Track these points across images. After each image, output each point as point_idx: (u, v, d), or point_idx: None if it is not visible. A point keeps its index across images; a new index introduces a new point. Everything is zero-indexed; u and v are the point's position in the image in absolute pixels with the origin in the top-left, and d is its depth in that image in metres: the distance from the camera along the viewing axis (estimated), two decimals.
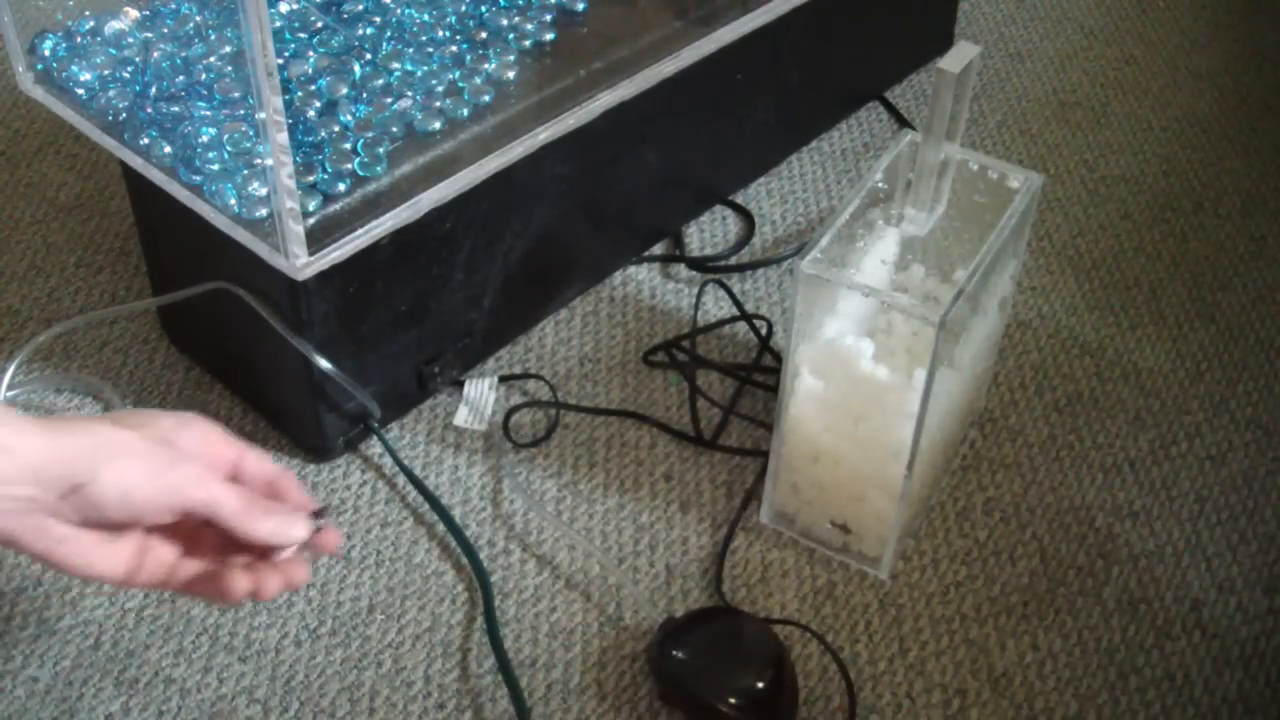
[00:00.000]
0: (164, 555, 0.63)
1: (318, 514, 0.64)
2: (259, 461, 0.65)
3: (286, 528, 0.62)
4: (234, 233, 0.73)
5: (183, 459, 0.59)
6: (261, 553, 0.63)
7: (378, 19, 0.85)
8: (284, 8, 0.85)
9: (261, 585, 0.63)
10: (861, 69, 1.17)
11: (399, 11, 0.86)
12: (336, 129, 0.77)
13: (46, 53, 0.81)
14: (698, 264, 1.01)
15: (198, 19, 0.83)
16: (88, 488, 0.57)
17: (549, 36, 0.86)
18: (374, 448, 0.87)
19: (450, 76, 0.82)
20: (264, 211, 0.72)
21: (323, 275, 0.74)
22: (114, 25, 0.83)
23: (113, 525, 0.60)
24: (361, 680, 0.75)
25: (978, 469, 0.87)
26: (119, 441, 0.57)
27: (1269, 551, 0.83)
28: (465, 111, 0.80)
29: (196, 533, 0.63)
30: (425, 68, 0.82)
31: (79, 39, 0.82)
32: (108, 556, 0.61)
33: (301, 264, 0.72)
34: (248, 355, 0.86)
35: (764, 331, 0.96)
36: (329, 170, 0.74)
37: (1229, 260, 1.05)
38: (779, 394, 0.78)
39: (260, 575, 0.63)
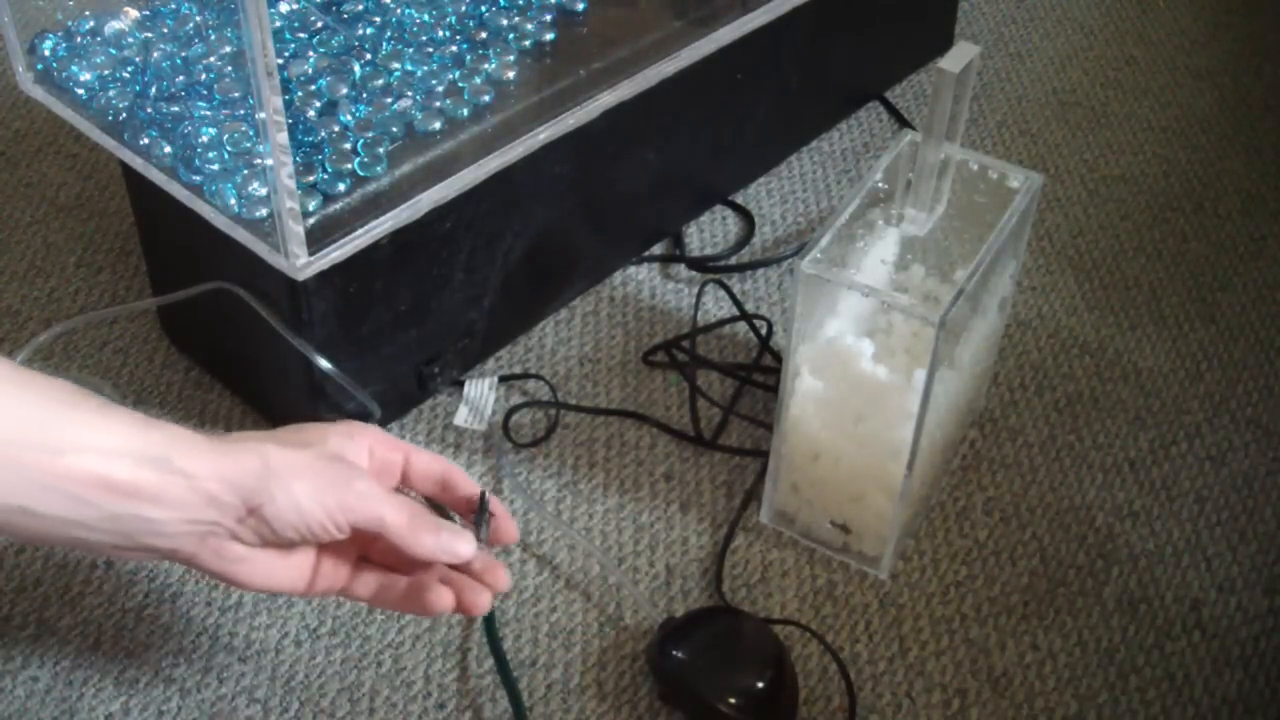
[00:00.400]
0: (341, 563, 0.65)
1: (481, 510, 0.64)
2: (427, 460, 0.66)
3: (451, 544, 0.62)
4: (234, 233, 0.73)
5: (354, 476, 0.60)
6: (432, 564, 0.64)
7: (378, 19, 0.85)
8: (284, 8, 0.85)
9: (472, 602, 0.64)
10: (861, 69, 1.17)
11: (399, 11, 0.86)
12: (336, 129, 0.77)
13: (46, 53, 0.81)
14: (698, 264, 1.01)
15: (198, 19, 0.83)
16: (264, 509, 0.58)
17: (549, 36, 0.86)
18: None
19: (450, 76, 0.82)
20: (264, 211, 0.72)
21: (323, 275, 0.74)
22: (114, 25, 0.83)
23: (288, 544, 0.61)
24: (361, 680, 0.75)
25: (978, 469, 0.87)
26: (292, 462, 0.59)
27: (1269, 551, 0.83)
28: (465, 111, 0.80)
29: (372, 539, 0.64)
30: (425, 68, 0.82)
31: (79, 39, 0.82)
32: (285, 570, 0.62)
33: (301, 264, 0.72)
34: (248, 355, 0.86)
35: (764, 331, 0.96)
36: (329, 170, 0.74)
37: (1229, 260, 1.05)
38: (779, 394, 0.78)
39: (464, 594, 0.64)
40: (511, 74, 0.83)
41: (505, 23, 0.86)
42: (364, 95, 0.80)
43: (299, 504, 0.58)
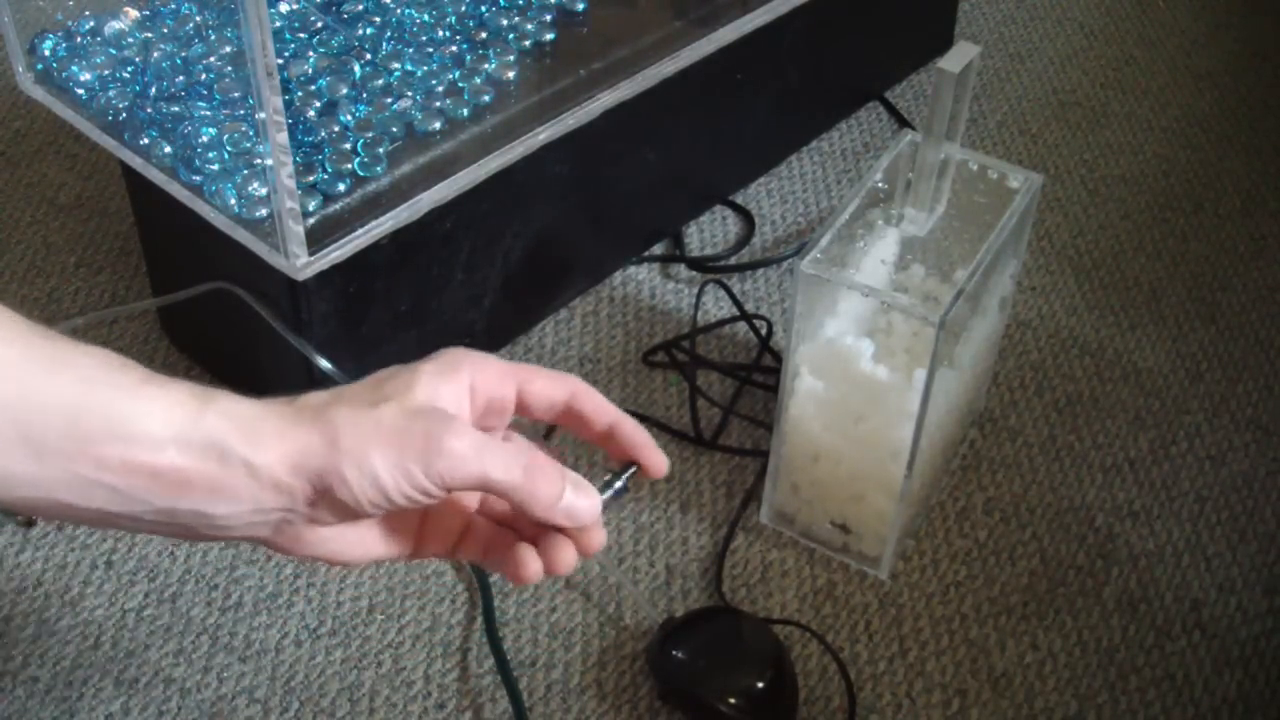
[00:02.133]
0: (450, 519, 0.56)
1: (621, 473, 0.54)
2: (548, 384, 0.55)
3: (574, 502, 0.52)
4: (234, 233, 0.73)
5: (443, 431, 0.49)
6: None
7: (378, 19, 0.85)
8: (284, 8, 0.85)
9: (554, 560, 0.54)
10: (861, 69, 1.17)
11: (399, 11, 0.86)
12: (336, 129, 0.77)
13: (46, 53, 0.81)
14: (698, 264, 1.01)
15: (198, 19, 0.83)
16: (335, 492, 0.49)
17: (549, 36, 0.86)
18: None
19: (450, 76, 0.82)
20: (264, 211, 0.72)
21: (323, 275, 0.74)
22: (114, 25, 0.83)
23: (378, 516, 0.52)
24: (361, 680, 0.75)
25: (978, 469, 0.87)
26: (364, 430, 0.49)
27: (1269, 551, 0.83)
28: (465, 111, 0.80)
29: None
30: (425, 68, 0.82)
31: (79, 39, 0.82)
32: (383, 538, 0.54)
33: (301, 264, 0.72)
34: (248, 355, 0.86)
35: (764, 331, 0.96)
36: (329, 170, 0.74)
37: (1229, 260, 1.05)
38: (779, 394, 0.78)
39: (550, 552, 0.54)
40: (511, 74, 0.83)
41: (505, 23, 0.86)
42: (364, 95, 0.80)
43: (376, 478, 0.48)
